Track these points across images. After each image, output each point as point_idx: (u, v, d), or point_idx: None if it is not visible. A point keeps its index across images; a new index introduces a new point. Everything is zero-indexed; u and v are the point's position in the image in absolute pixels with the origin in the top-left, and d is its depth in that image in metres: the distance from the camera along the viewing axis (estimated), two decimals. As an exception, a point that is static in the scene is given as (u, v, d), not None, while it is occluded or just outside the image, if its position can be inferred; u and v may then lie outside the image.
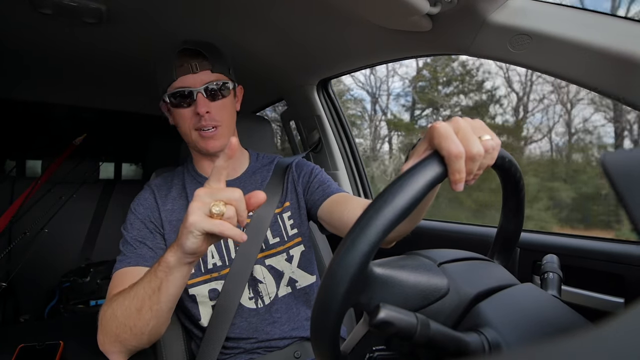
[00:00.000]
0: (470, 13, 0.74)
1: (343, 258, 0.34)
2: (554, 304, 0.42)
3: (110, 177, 2.55)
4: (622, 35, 0.63)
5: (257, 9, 0.95)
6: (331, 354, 0.37)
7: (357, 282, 0.34)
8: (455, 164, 0.39)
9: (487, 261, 0.50)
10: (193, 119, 0.82)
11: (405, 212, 0.35)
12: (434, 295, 0.41)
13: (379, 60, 1.17)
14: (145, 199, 0.86)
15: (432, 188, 0.38)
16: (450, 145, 0.39)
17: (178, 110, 0.83)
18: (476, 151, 0.41)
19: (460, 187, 0.41)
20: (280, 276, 0.88)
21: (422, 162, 0.39)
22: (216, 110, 0.82)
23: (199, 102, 0.80)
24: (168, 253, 0.60)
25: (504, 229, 0.56)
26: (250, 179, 0.94)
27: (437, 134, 0.41)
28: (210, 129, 0.82)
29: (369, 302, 0.38)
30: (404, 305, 0.38)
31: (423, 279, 0.41)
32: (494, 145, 0.44)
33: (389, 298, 0.39)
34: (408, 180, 0.37)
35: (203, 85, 0.81)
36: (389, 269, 0.40)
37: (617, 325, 0.18)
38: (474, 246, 0.58)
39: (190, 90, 0.80)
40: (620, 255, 0.80)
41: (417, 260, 0.45)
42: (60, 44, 1.17)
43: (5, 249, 1.65)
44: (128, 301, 0.64)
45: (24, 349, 0.77)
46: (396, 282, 0.40)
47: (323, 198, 0.90)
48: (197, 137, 0.84)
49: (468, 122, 0.44)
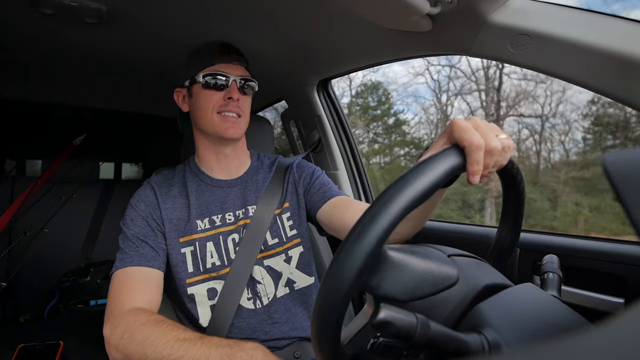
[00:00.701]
0: (470, 13, 0.74)
1: (360, 233, 0.34)
2: (554, 304, 0.42)
3: (110, 177, 2.55)
4: (622, 36, 0.63)
5: (258, 9, 0.95)
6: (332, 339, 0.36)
7: (371, 259, 0.34)
8: (475, 154, 0.41)
9: (486, 263, 0.50)
10: (220, 102, 0.86)
11: (424, 196, 0.36)
12: (444, 283, 0.41)
13: (379, 60, 1.17)
14: (146, 196, 0.86)
15: (449, 177, 0.39)
16: (471, 136, 0.42)
17: (208, 91, 0.86)
18: (494, 145, 0.43)
19: (477, 179, 0.42)
20: (279, 277, 0.88)
21: (444, 152, 0.41)
22: (243, 102, 0.89)
23: (232, 88, 0.86)
24: None
25: (503, 234, 0.57)
26: (251, 178, 0.94)
27: (457, 127, 0.43)
28: (234, 115, 0.87)
29: (379, 285, 0.38)
30: (413, 291, 0.39)
31: (434, 266, 0.41)
32: (509, 144, 0.46)
33: (399, 282, 0.39)
34: (430, 166, 0.38)
35: (239, 76, 0.88)
36: (402, 253, 0.40)
37: (617, 325, 0.18)
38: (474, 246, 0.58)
39: (227, 76, 0.86)
40: (620, 256, 0.80)
41: (428, 249, 0.45)
42: (60, 44, 1.17)
43: (5, 248, 1.65)
44: (169, 349, 0.63)
45: (24, 349, 0.77)
46: (408, 267, 0.40)
47: (323, 200, 0.90)
48: (218, 120, 0.86)
49: (484, 122, 0.46)
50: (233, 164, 0.94)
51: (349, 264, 0.33)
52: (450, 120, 0.46)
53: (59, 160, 1.93)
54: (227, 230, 0.87)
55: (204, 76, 0.85)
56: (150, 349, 0.63)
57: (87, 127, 2.03)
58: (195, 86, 0.88)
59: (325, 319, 0.35)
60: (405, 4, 0.72)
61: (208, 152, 0.92)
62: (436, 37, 0.87)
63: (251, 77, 0.90)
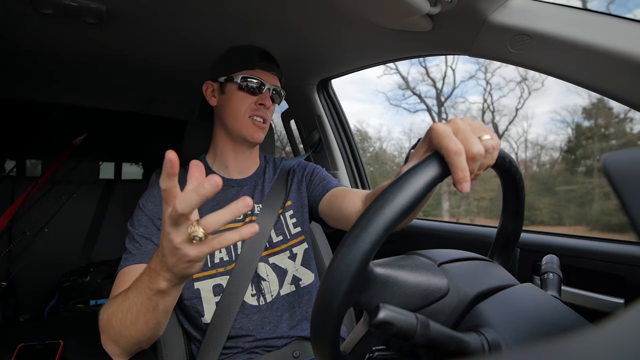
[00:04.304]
0: (470, 13, 0.74)
1: (344, 256, 0.34)
2: (554, 304, 0.42)
3: (111, 177, 2.55)
4: (622, 36, 0.63)
5: (257, 10, 0.95)
6: (331, 353, 0.37)
7: (357, 281, 0.34)
8: (457, 161, 0.39)
9: (487, 261, 0.50)
10: (252, 106, 0.89)
11: (406, 212, 0.35)
12: (434, 295, 0.41)
13: (379, 60, 1.17)
14: (155, 196, 0.87)
15: (432, 187, 0.38)
16: (449, 143, 0.39)
17: (242, 93, 0.89)
18: (476, 150, 0.41)
19: (467, 187, 0.40)
20: (284, 274, 0.89)
21: (423, 162, 0.39)
22: (271, 109, 0.94)
23: (266, 96, 0.90)
24: (159, 280, 0.56)
25: (504, 229, 0.56)
26: (260, 178, 0.98)
27: (435, 134, 0.41)
28: (262, 121, 0.91)
29: (370, 302, 0.38)
30: (404, 305, 0.38)
31: (423, 279, 0.41)
32: (494, 144, 0.43)
33: (389, 298, 0.39)
34: (409, 180, 0.37)
35: (274, 86, 0.92)
36: (390, 269, 0.40)
37: (617, 325, 0.18)
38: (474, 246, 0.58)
39: (264, 83, 0.90)
40: (621, 256, 0.80)
41: (417, 261, 0.45)
42: (60, 44, 1.17)
43: (5, 248, 1.65)
44: (122, 314, 0.63)
45: (24, 349, 0.77)
46: (396, 282, 0.40)
47: (323, 193, 0.93)
48: (249, 123, 0.89)
49: (467, 122, 0.43)
50: (246, 164, 0.98)
51: (337, 285, 0.34)
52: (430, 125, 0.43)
53: (59, 160, 1.93)
54: (236, 227, 0.87)
55: (243, 78, 0.89)
56: (114, 320, 0.64)
57: (87, 127, 2.03)
58: (230, 84, 0.90)
59: (320, 335, 0.36)
60: (405, 4, 0.72)
61: (227, 150, 0.95)
62: (436, 37, 0.87)
63: (281, 88, 0.96)
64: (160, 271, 0.55)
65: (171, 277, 0.55)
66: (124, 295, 0.64)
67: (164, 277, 0.55)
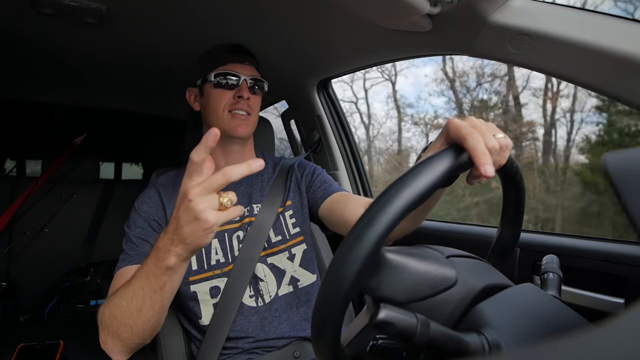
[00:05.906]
0: (470, 13, 0.74)
1: (359, 235, 0.34)
2: (554, 304, 0.42)
3: (111, 177, 2.55)
4: (622, 35, 0.63)
5: (257, 10, 0.95)
6: (332, 341, 0.36)
7: (369, 262, 0.33)
8: (478, 145, 0.40)
9: (487, 263, 0.50)
10: (230, 101, 0.89)
11: (422, 197, 0.36)
12: (443, 284, 0.41)
13: (379, 60, 1.17)
14: (150, 198, 0.87)
15: (450, 175, 0.39)
16: (468, 131, 0.41)
17: (219, 90, 0.89)
18: (492, 144, 0.43)
19: (490, 169, 0.40)
20: (282, 274, 0.89)
21: (442, 152, 0.40)
22: (253, 101, 0.91)
23: (243, 88, 0.89)
24: (168, 256, 0.58)
25: (503, 233, 0.57)
26: (257, 177, 0.97)
27: (453, 126, 0.43)
28: (244, 113, 0.89)
29: (377, 287, 0.38)
30: (411, 293, 0.39)
31: (432, 268, 0.41)
32: (507, 143, 0.46)
33: (397, 284, 0.39)
34: (428, 166, 0.37)
35: (250, 76, 0.90)
36: (400, 256, 0.40)
37: (617, 325, 0.18)
38: (474, 246, 0.58)
39: (238, 76, 0.89)
40: (621, 256, 0.80)
41: (427, 252, 0.45)
42: (60, 44, 1.16)
43: (5, 248, 1.65)
44: (126, 302, 0.64)
45: (24, 349, 0.77)
46: (406, 269, 0.40)
47: (324, 196, 0.92)
48: (228, 118, 0.88)
49: (481, 121, 0.46)
50: (239, 162, 0.95)
51: (348, 266, 0.33)
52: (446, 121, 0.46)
53: (59, 160, 1.93)
54: (233, 228, 0.88)
55: (216, 76, 0.89)
56: (117, 310, 0.64)
57: (87, 127, 2.02)
58: (206, 85, 0.90)
59: (325, 320, 0.35)
60: (405, 4, 0.72)
61: (216, 150, 0.93)
62: (436, 37, 0.86)
63: (261, 78, 0.93)
64: (171, 246, 0.57)
65: (182, 250, 0.57)
66: (125, 286, 0.65)
67: (175, 253, 0.57)
